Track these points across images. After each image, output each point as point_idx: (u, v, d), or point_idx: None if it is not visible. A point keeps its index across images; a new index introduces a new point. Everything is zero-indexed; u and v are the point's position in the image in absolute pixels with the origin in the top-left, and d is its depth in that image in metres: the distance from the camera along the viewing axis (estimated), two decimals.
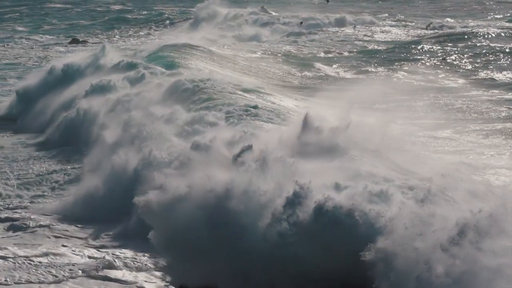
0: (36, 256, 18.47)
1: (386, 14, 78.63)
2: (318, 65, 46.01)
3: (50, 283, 17.00)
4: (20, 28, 74.94)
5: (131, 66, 35.99)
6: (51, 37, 69.17)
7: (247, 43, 57.16)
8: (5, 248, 18.91)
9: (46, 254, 18.54)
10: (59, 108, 33.20)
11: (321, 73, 44.28)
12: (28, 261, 18.13)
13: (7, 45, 63.75)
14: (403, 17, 77.20)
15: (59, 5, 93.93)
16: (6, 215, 21.57)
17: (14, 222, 20.95)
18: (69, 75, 37.34)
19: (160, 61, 38.06)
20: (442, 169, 18.32)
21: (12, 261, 18.17)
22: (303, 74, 43.87)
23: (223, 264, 16.40)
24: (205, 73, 35.31)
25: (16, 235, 20.11)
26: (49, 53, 58.37)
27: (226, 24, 67.75)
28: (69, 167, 26.10)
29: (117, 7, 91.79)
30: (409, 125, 29.17)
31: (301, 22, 69.50)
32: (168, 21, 79.45)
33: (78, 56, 42.88)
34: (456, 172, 17.51)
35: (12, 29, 74.42)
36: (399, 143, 23.31)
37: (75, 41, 64.15)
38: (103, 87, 31.85)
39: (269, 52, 51.28)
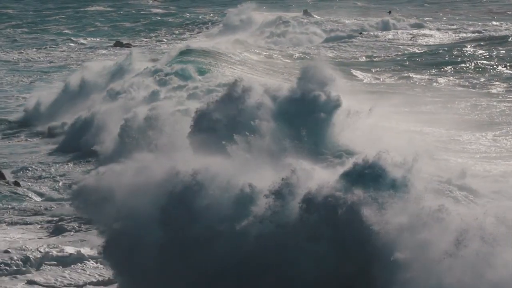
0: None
1: (431, 18, 78.05)
2: (356, 72, 45.69)
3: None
4: (65, 31, 75.60)
5: (155, 72, 36.05)
6: (95, 39, 69.76)
7: (287, 48, 56.76)
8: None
9: None
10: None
11: (357, 79, 43.99)
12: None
13: (52, 47, 64.40)
14: (446, 19, 76.69)
15: (101, 8, 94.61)
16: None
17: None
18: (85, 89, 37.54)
19: (188, 66, 37.87)
20: None
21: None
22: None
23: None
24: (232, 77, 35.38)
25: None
26: (93, 56, 58.87)
27: (263, 29, 67.47)
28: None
29: (159, 10, 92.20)
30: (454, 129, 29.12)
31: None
32: (210, 24, 79.64)
33: (107, 62, 43.12)
34: None
35: (57, 31, 75.11)
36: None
37: (118, 44, 64.62)
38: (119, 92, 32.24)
39: (307, 57, 51.04)
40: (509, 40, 55.79)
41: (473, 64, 47.30)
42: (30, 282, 17.82)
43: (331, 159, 20.36)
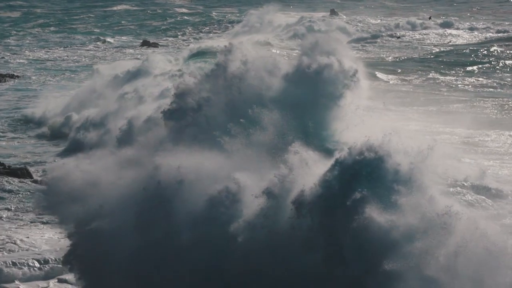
0: None
1: (457, 18, 77.64)
2: (381, 73, 45.44)
3: None
4: (93, 30, 75.96)
5: (170, 72, 36.15)
6: (122, 38, 69.99)
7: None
8: None
9: None
10: None
11: (382, 80, 43.80)
12: None
13: (79, 46, 64.73)
14: (473, 19, 76.27)
15: (128, 7, 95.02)
16: None
17: None
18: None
19: (202, 65, 37.68)
20: None
21: None
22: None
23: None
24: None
25: None
26: (120, 55, 59.06)
27: (287, 29, 67.31)
28: None
29: (185, 10, 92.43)
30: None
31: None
32: (236, 23, 79.66)
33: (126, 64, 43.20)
34: None
35: (84, 30, 75.45)
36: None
37: (146, 43, 64.82)
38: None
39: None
40: None
41: (500, 64, 47.01)
42: (61, 281, 17.94)
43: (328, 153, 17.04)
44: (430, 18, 74.46)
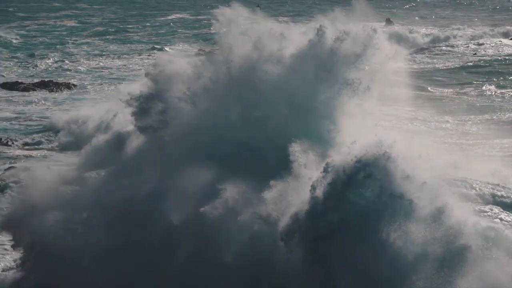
0: None
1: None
2: (428, 83, 45.00)
3: None
4: (148, 39, 76.48)
5: None
6: (178, 47, 70.07)
7: None
8: None
9: None
10: None
11: (428, 90, 43.42)
12: None
13: (135, 55, 65.15)
14: None
15: (183, 16, 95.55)
16: None
17: None
18: None
19: None
20: None
21: None
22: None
23: None
24: None
25: None
26: None
27: None
28: None
29: None
30: None
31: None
32: None
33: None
34: None
35: (139, 40, 75.96)
36: None
37: (201, 52, 65.07)
38: None
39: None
40: None
41: None
42: None
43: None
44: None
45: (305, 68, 18.28)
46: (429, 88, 43.23)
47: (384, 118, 30.27)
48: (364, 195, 13.31)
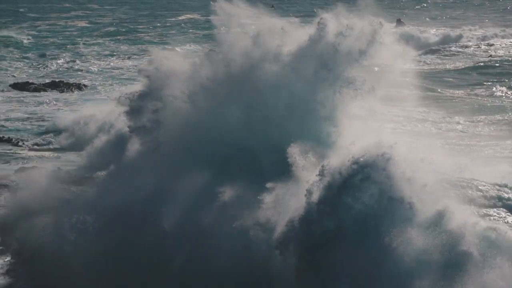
0: None
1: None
2: (437, 84, 44.92)
3: None
4: (158, 39, 76.42)
5: None
6: (188, 48, 70.13)
7: None
8: None
9: None
10: None
11: (436, 91, 43.35)
12: None
13: (145, 55, 65.20)
14: None
15: (194, 16, 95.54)
16: None
17: None
18: None
19: None
20: None
21: None
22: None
23: None
24: None
25: None
26: None
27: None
28: None
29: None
30: None
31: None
32: None
33: None
34: None
35: (150, 40, 75.98)
36: None
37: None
38: None
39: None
40: None
41: None
42: None
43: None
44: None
45: (305, 67, 17.72)
46: (439, 90, 43.15)
47: (394, 120, 30.30)
48: (362, 199, 12.73)
